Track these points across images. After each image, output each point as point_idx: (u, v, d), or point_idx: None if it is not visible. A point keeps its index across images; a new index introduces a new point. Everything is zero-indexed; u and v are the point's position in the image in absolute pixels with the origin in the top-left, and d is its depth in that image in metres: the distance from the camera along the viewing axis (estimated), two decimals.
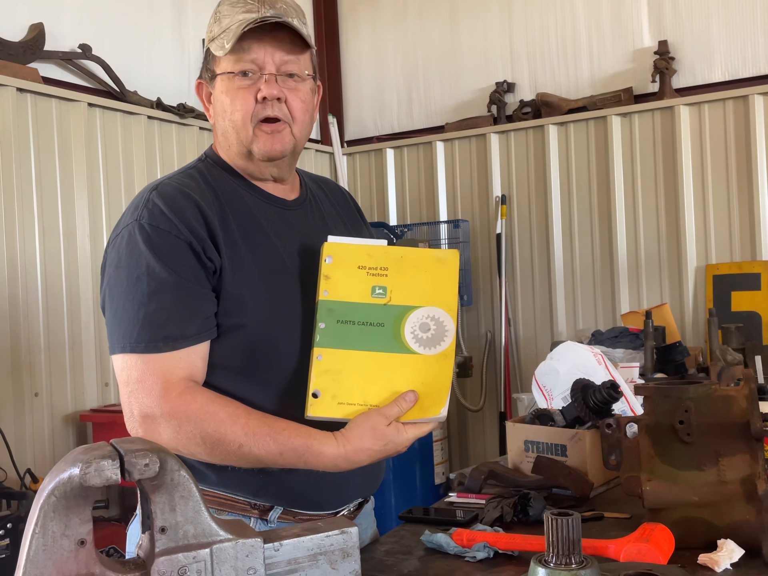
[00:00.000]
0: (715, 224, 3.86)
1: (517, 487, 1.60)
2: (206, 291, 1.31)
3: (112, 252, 1.33)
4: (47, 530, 0.75)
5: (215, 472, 1.34)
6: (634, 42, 4.04)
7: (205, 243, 1.31)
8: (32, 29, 3.18)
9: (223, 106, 1.37)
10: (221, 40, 1.34)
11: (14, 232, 3.02)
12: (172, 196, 1.32)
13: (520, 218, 4.33)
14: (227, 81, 1.36)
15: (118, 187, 3.49)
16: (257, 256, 1.36)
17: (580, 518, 0.96)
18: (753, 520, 1.20)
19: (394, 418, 1.22)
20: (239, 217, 1.37)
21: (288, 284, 1.37)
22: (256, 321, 1.33)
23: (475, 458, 4.38)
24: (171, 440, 1.24)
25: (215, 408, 1.24)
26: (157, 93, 3.69)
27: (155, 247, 1.28)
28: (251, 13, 1.33)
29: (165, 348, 1.26)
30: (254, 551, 0.83)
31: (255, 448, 1.22)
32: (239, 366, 1.33)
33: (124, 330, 1.27)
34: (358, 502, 1.48)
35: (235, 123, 1.36)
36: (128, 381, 1.27)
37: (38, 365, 3.11)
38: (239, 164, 1.42)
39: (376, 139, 4.74)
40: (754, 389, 1.25)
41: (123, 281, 1.28)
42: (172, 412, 1.23)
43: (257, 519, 1.36)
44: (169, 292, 1.27)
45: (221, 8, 1.37)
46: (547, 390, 2.00)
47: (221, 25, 1.35)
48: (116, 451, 0.78)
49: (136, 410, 1.25)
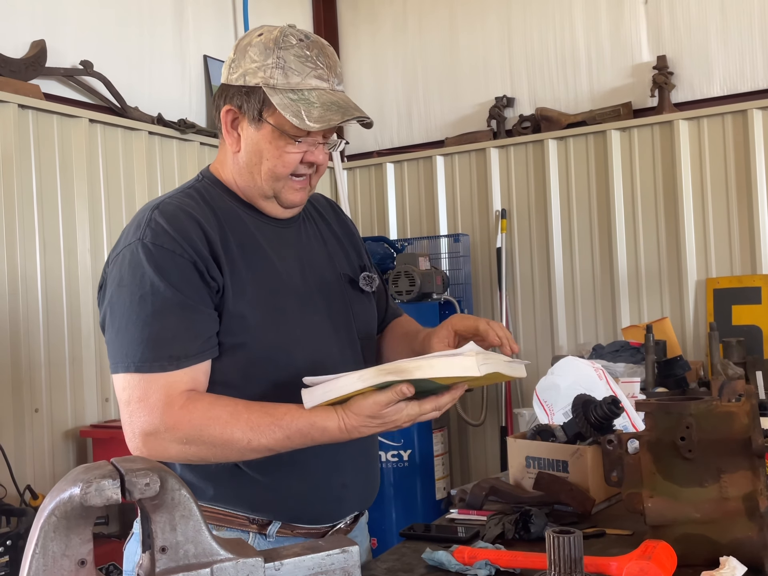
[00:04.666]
0: (715, 238, 3.86)
1: (519, 503, 1.59)
2: (210, 310, 1.31)
3: (114, 270, 1.32)
4: (47, 550, 0.75)
5: (213, 488, 1.34)
6: (633, 57, 4.05)
7: (208, 262, 1.31)
8: (34, 46, 3.19)
9: (263, 153, 1.37)
10: (295, 105, 1.31)
11: (15, 248, 3.02)
12: (174, 215, 1.33)
13: (520, 232, 4.33)
14: (278, 137, 1.35)
15: (119, 203, 3.50)
16: (257, 275, 1.37)
17: (581, 536, 0.96)
18: (755, 536, 1.20)
19: (393, 400, 1.20)
20: (238, 236, 1.38)
21: (287, 302, 1.38)
22: (256, 340, 1.34)
23: (477, 473, 4.36)
24: (179, 452, 1.25)
25: (217, 411, 1.25)
26: (158, 109, 3.70)
27: (159, 266, 1.28)
28: (322, 80, 1.34)
29: (170, 367, 1.26)
30: (255, 571, 0.82)
31: (263, 439, 1.23)
32: (239, 383, 1.34)
33: (127, 349, 1.27)
34: (354, 515, 1.49)
35: (275, 173, 1.37)
36: (130, 400, 1.27)
37: (38, 381, 3.10)
38: (250, 194, 1.42)
39: (376, 153, 4.75)
40: (755, 405, 1.25)
41: (126, 300, 1.28)
42: (176, 425, 1.24)
43: (256, 534, 1.36)
44: (173, 311, 1.27)
45: (286, 56, 1.33)
46: (548, 405, 1.99)
47: (289, 81, 1.32)
48: (117, 470, 0.78)
49: (138, 429, 1.26)
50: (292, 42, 1.34)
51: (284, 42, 1.33)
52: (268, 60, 1.33)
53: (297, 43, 1.34)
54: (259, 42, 1.35)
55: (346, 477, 1.43)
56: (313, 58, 1.34)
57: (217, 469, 1.34)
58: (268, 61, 1.33)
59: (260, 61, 1.34)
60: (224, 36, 4.22)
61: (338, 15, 4.90)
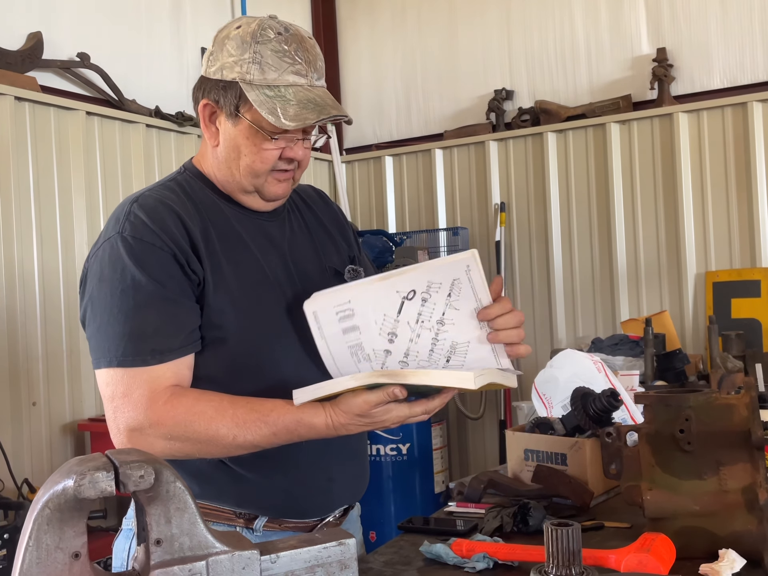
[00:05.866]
0: (714, 231, 3.85)
1: (517, 496, 1.59)
2: (191, 303, 1.30)
3: (94, 265, 1.31)
4: (41, 543, 0.74)
5: (198, 484, 1.34)
6: (632, 49, 4.04)
7: (188, 255, 1.30)
8: (30, 38, 3.18)
9: (241, 149, 1.34)
10: (271, 101, 1.28)
11: (12, 241, 3.01)
12: (153, 208, 1.31)
13: (519, 225, 4.32)
14: (255, 133, 1.32)
15: (116, 196, 3.48)
16: (238, 268, 1.35)
17: (580, 529, 0.96)
18: (754, 529, 1.19)
19: (383, 401, 1.19)
20: (220, 229, 1.36)
21: (269, 296, 1.37)
22: (237, 333, 1.32)
23: (475, 467, 4.36)
24: (165, 448, 1.24)
25: (202, 407, 1.24)
26: (155, 101, 3.68)
27: (139, 259, 1.27)
28: (300, 76, 1.30)
29: (152, 361, 1.25)
30: (251, 563, 0.82)
31: (249, 435, 1.22)
32: (221, 378, 1.32)
33: (109, 344, 1.26)
34: (343, 509, 1.48)
35: (253, 170, 1.35)
36: (113, 396, 1.26)
37: (36, 374, 3.10)
38: (230, 188, 1.40)
39: (374, 146, 4.74)
40: (754, 398, 1.24)
41: (106, 295, 1.27)
42: (160, 420, 1.23)
43: (243, 528, 1.36)
44: (155, 305, 1.26)
45: (263, 51, 1.29)
46: (547, 398, 1.99)
47: (265, 77, 1.29)
48: (111, 462, 0.77)
49: (122, 425, 1.25)
50: (270, 36, 1.30)
51: (261, 36, 1.30)
52: (245, 54, 1.30)
53: (275, 36, 1.30)
54: (237, 35, 1.31)
55: (332, 471, 1.41)
56: (291, 53, 1.30)
57: (202, 465, 1.33)
58: (245, 56, 1.30)
59: (237, 55, 1.30)
60: None
61: (336, 7, 4.88)
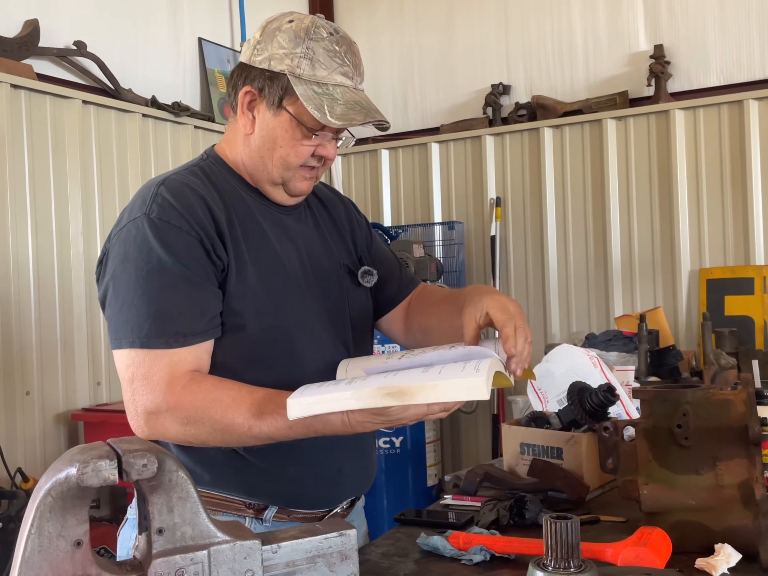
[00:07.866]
0: (709, 228, 3.86)
1: (513, 489, 1.59)
2: (215, 289, 1.30)
3: (117, 245, 1.29)
4: (43, 531, 0.74)
5: (208, 472, 1.34)
6: (629, 46, 4.04)
7: (214, 240, 1.30)
8: (27, 25, 3.16)
9: (277, 140, 1.36)
10: (319, 98, 1.31)
11: (7, 230, 3.00)
12: (180, 192, 1.31)
13: (515, 220, 4.33)
14: (295, 127, 1.34)
15: (111, 185, 3.47)
16: (258, 256, 1.36)
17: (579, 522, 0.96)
18: (750, 524, 1.20)
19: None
20: (241, 217, 1.37)
21: (286, 286, 1.38)
22: (256, 321, 1.33)
23: (468, 461, 4.37)
24: (179, 433, 1.24)
25: (220, 394, 1.23)
26: (152, 91, 3.67)
27: (166, 242, 1.26)
28: (347, 77, 1.34)
29: (175, 344, 1.25)
30: (252, 553, 0.82)
31: (264, 426, 1.21)
32: (237, 366, 1.32)
33: (132, 324, 1.25)
34: (350, 500, 1.49)
35: (286, 162, 1.37)
36: (133, 378, 1.25)
37: (30, 364, 3.09)
38: (257, 178, 1.41)
39: (371, 140, 4.73)
40: (752, 393, 1.25)
41: (131, 275, 1.26)
42: (178, 404, 1.23)
43: (252, 518, 1.36)
44: (180, 287, 1.26)
45: (315, 48, 1.32)
46: (543, 393, 1.99)
47: (315, 73, 1.32)
48: (114, 451, 0.77)
49: (140, 407, 1.24)
50: (323, 35, 1.33)
51: (315, 33, 1.32)
52: (297, 49, 1.32)
53: (327, 36, 1.33)
54: (290, 29, 1.33)
55: (343, 462, 1.42)
56: (341, 54, 1.33)
57: (214, 453, 1.33)
58: (297, 50, 1.32)
59: (288, 48, 1.32)
60: (219, 19, 4.19)
61: (334, 1, 4.86)
